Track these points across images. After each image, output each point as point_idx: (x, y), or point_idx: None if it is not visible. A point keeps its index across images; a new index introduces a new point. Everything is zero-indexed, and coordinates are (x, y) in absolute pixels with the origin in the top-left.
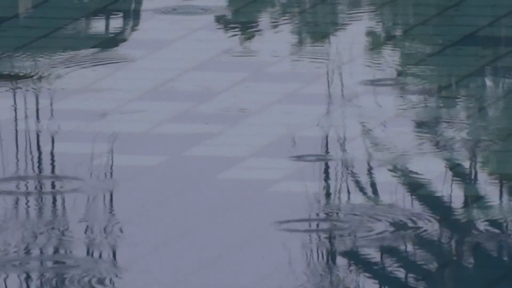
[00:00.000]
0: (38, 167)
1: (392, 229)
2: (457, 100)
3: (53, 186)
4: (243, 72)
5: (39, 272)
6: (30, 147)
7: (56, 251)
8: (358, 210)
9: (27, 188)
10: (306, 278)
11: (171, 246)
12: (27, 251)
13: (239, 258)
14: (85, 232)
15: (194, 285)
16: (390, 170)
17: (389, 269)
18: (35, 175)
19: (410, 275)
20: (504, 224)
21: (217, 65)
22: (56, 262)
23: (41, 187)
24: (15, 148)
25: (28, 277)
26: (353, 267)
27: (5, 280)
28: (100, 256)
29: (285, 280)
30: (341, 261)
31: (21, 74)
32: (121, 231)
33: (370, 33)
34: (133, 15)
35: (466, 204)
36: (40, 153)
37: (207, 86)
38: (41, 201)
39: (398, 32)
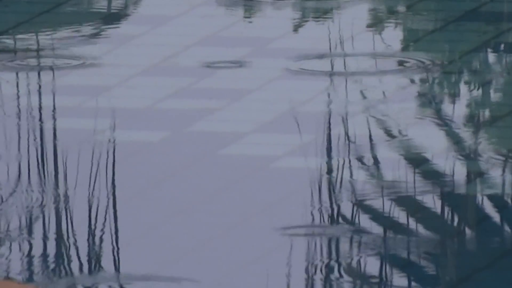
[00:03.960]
0: (40, 143)
1: (394, 205)
2: (459, 75)
3: (55, 160)
4: (245, 47)
5: (38, 248)
6: (33, 123)
7: (56, 226)
8: (360, 186)
9: (29, 164)
10: (309, 253)
11: (173, 222)
12: (26, 226)
13: (241, 234)
14: (88, 209)
15: (196, 261)
16: (393, 146)
17: (390, 244)
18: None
19: (412, 251)
20: (507, 200)
21: (219, 41)
22: (56, 238)
23: (43, 164)
24: (17, 124)
25: (26, 252)
26: (355, 241)
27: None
28: (101, 232)
29: (288, 256)
30: (343, 235)
31: (23, 50)
32: (122, 207)
33: (372, 9)
34: None
35: (469, 180)
36: (42, 129)
37: (209, 62)
38: (43, 178)
39: (400, 8)
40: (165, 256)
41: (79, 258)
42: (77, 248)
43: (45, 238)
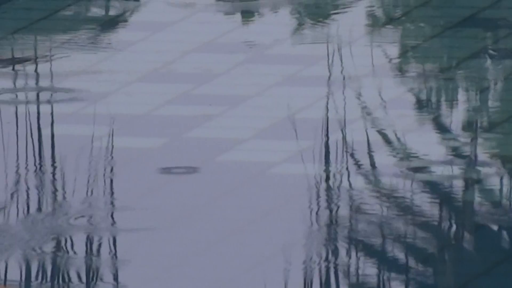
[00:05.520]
0: (38, 149)
1: (392, 212)
2: (457, 82)
3: (53, 168)
4: (243, 54)
5: (42, 254)
6: (31, 130)
7: (56, 237)
8: (357, 192)
9: (27, 171)
10: (306, 260)
11: (171, 229)
12: (29, 234)
13: (239, 241)
14: (86, 215)
15: (194, 268)
16: (390, 152)
17: (389, 251)
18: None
19: (410, 257)
20: (504, 207)
21: (217, 47)
22: (56, 248)
23: (41, 170)
24: (15, 130)
25: (29, 259)
26: (353, 249)
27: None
28: (99, 241)
29: (285, 263)
30: (341, 242)
31: (21, 56)
32: (119, 214)
33: (370, 15)
34: None
35: (467, 187)
36: (40, 135)
37: (207, 68)
38: (40, 184)
39: (398, 14)
40: (164, 264)
41: (77, 268)
42: (75, 256)
43: (42, 245)
